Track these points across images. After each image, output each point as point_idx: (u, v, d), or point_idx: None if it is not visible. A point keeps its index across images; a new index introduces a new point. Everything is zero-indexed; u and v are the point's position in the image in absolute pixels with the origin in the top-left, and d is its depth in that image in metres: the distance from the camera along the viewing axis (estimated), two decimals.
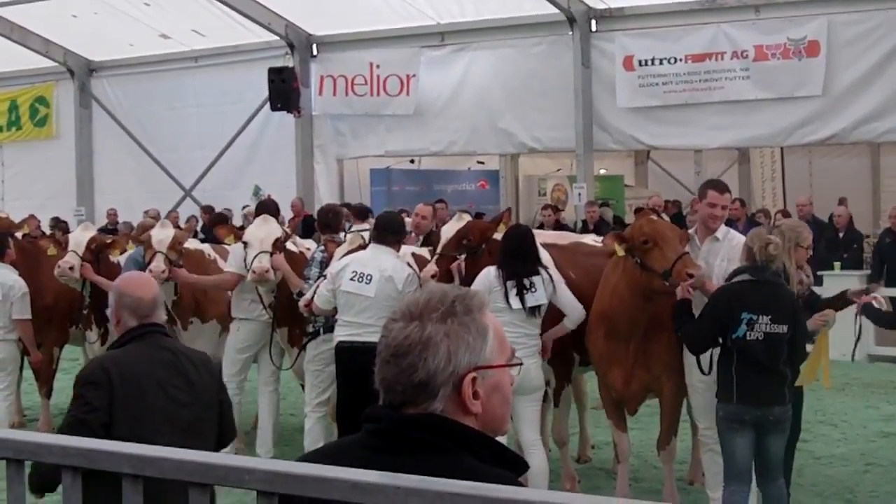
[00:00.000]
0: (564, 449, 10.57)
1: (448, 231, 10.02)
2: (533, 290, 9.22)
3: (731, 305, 8.22)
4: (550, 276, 9.35)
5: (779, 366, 8.16)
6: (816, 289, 17.23)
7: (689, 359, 9.01)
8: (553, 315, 9.55)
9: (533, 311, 9.27)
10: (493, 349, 2.83)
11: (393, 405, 2.79)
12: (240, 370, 11.57)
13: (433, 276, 9.54)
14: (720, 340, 8.34)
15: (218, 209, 24.51)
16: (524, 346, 9.12)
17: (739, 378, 8.19)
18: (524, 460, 2.90)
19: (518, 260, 9.30)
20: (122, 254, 12.36)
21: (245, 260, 10.89)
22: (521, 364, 2.98)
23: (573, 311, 9.45)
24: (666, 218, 12.27)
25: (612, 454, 10.75)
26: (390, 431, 2.76)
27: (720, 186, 9.36)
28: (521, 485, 2.74)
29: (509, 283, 9.18)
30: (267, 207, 12.32)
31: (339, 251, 10.54)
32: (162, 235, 11.46)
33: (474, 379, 2.77)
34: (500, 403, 2.87)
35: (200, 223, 23.71)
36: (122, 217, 25.40)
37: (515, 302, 9.16)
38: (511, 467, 2.79)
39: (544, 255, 10.18)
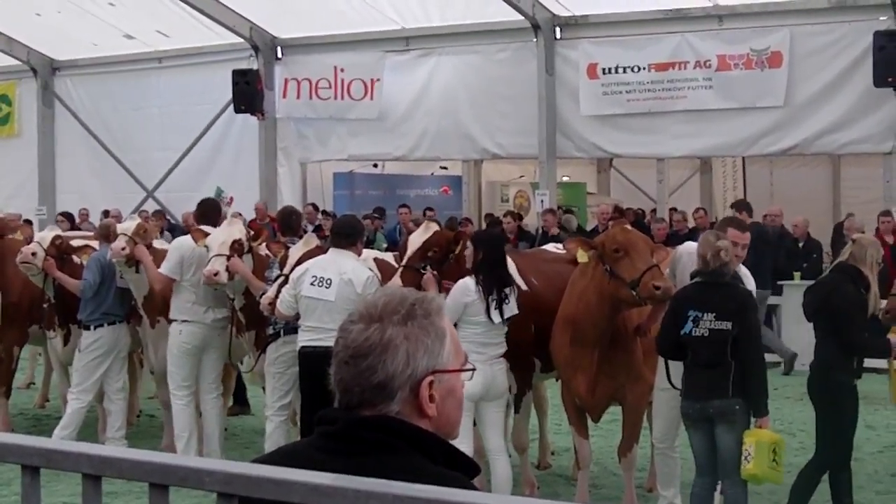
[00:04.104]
0: (524, 455, 10.59)
1: (415, 241, 9.86)
2: (507, 301, 9.25)
3: (679, 305, 8.48)
4: (516, 286, 9.40)
5: (723, 359, 8.30)
6: (775, 299, 17.53)
7: (661, 363, 9.17)
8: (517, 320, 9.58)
9: (506, 320, 9.32)
10: (450, 353, 2.85)
11: (350, 406, 2.80)
12: (187, 375, 11.38)
13: None
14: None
15: (180, 211, 24.43)
16: (494, 353, 9.20)
17: (686, 374, 8.53)
18: (476, 463, 2.91)
19: (498, 270, 9.31)
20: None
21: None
22: (473, 370, 3.01)
23: None
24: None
25: (572, 460, 10.78)
26: (345, 433, 2.77)
27: (741, 225, 9.35)
28: (475, 488, 2.76)
29: (491, 297, 9.18)
30: (207, 208, 12.17)
31: (294, 252, 10.51)
32: (127, 224, 11.61)
33: (431, 382, 2.79)
34: (455, 408, 2.89)
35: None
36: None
37: (496, 316, 9.19)
38: (463, 470, 2.80)
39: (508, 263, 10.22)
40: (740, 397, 8.37)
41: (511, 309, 9.28)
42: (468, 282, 9.26)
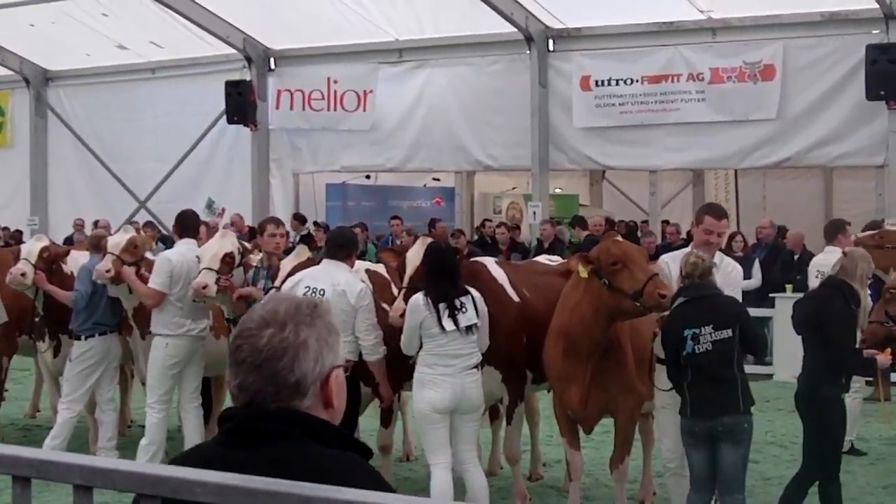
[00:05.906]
0: (517, 467, 10.53)
1: (414, 259, 9.67)
2: (464, 310, 9.09)
3: (674, 327, 8.42)
4: (474, 300, 9.26)
5: (732, 370, 8.30)
6: (768, 311, 17.53)
7: (657, 380, 9.09)
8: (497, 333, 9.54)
9: (468, 329, 9.12)
10: (342, 349, 3.17)
11: (264, 405, 2.94)
12: (168, 389, 11.32)
13: (402, 316, 9.23)
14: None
15: (172, 222, 24.29)
16: (465, 364, 9.10)
17: (691, 393, 8.38)
18: (368, 446, 3.07)
19: (444, 281, 9.15)
20: None
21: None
22: (351, 363, 3.33)
23: (482, 346, 9.37)
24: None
25: (564, 472, 10.76)
26: (241, 428, 2.93)
27: (717, 212, 9.29)
28: (373, 468, 2.98)
29: (441, 306, 9.03)
30: (185, 219, 12.08)
31: (286, 264, 10.47)
32: (118, 239, 11.51)
33: (336, 377, 3.02)
34: (344, 398, 3.10)
35: None
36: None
37: (449, 323, 8.95)
38: (356, 450, 2.97)
39: (498, 274, 10.16)
40: (749, 413, 8.38)
41: (469, 318, 9.07)
42: (418, 298, 9.10)
